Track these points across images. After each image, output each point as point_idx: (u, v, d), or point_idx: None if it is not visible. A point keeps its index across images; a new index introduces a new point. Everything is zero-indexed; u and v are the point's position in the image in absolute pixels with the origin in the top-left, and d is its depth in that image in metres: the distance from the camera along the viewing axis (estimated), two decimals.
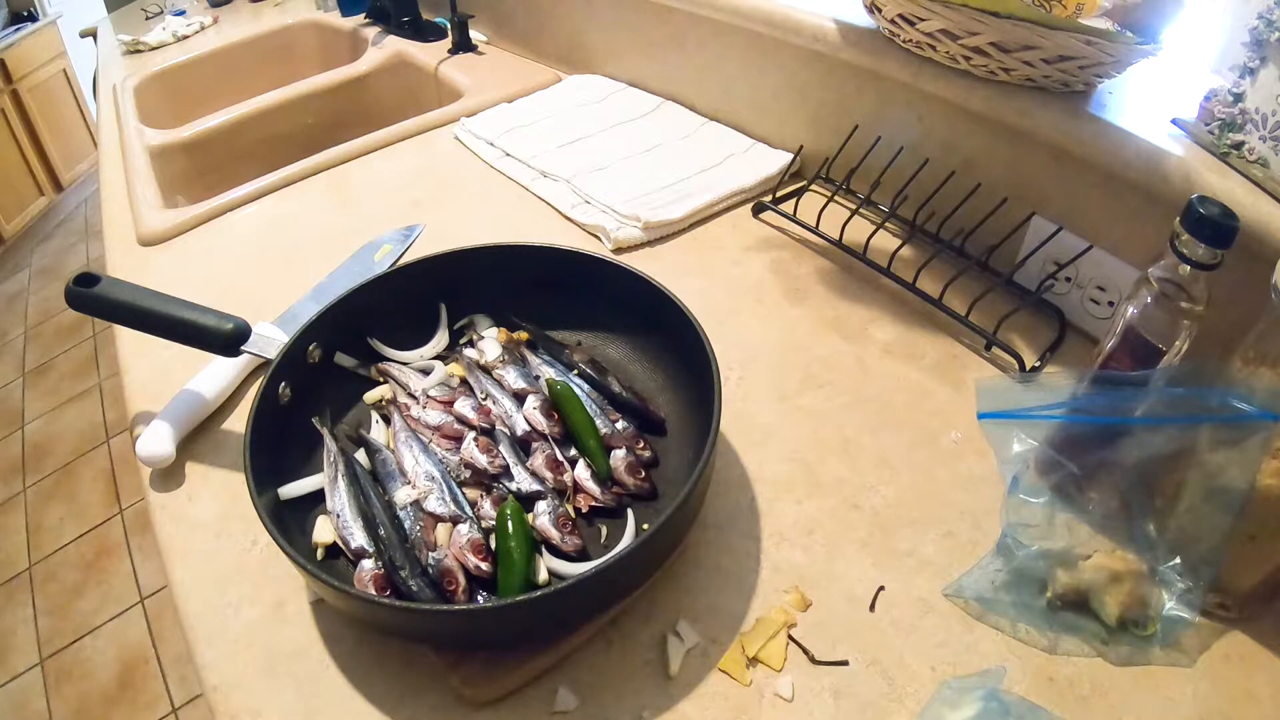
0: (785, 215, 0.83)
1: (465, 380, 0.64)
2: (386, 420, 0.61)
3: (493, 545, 0.51)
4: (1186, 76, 0.65)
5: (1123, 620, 0.47)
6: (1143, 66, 0.64)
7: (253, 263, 0.86)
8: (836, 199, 0.82)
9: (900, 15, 0.69)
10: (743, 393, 0.66)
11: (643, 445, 0.58)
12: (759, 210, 0.87)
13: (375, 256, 0.83)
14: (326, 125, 1.28)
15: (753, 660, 0.48)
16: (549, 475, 0.55)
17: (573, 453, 0.58)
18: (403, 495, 0.54)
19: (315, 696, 0.47)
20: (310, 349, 0.61)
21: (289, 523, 0.52)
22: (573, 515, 0.54)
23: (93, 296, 0.60)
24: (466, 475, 0.56)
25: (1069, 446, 0.50)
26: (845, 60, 0.80)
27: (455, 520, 0.53)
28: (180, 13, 1.64)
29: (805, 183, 0.87)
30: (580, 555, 0.52)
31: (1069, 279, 0.68)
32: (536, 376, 0.63)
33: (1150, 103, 0.64)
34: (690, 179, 0.91)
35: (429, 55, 1.30)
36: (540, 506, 0.53)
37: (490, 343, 0.66)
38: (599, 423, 0.58)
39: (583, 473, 0.56)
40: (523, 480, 0.56)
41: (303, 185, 0.99)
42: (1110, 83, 0.67)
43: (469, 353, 0.66)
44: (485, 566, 0.50)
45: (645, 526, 0.54)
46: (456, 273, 0.67)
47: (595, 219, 0.85)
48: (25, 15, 3.04)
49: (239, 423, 0.65)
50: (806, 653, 0.48)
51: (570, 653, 0.48)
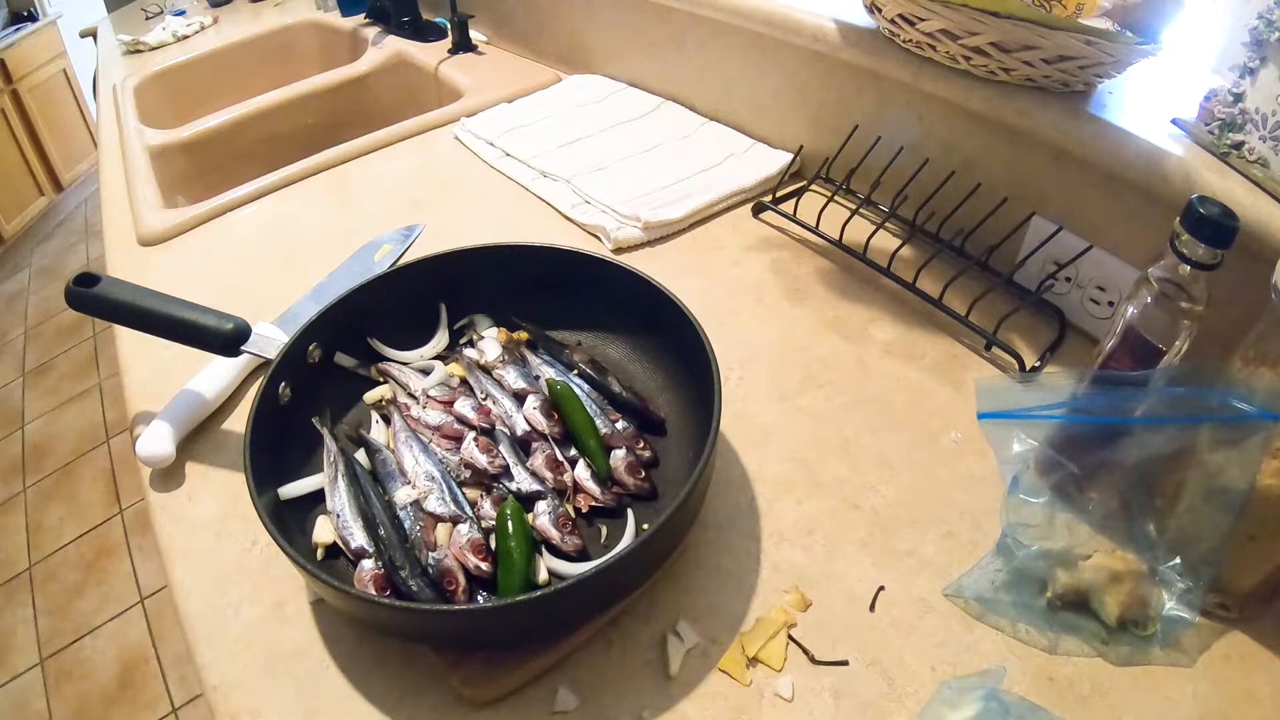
0: (785, 215, 0.83)
1: (465, 380, 0.64)
2: (386, 420, 0.61)
3: (493, 545, 0.51)
4: (1186, 76, 0.65)
5: (1123, 620, 0.47)
6: (1143, 66, 0.64)
7: (253, 263, 0.86)
8: (836, 199, 0.82)
9: (900, 15, 0.69)
10: (743, 393, 0.66)
11: (643, 445, 0.58)
12: (759, 210, 0.87)
13: (375, 256, 0.83)
14: (326, 125, 1.28)
15: (753, 660, 0.48)
16: (549, 475, 0.55)
17: (573, 453, 0.58)
18: (403, 495, 0.54)
19: (315, 696, 0.47)
20: (310, 349, 0.61)
21: (289, 523, 0.52)
22: (573, 515, 0.54)
23: (93, 296, 0.60)
24: (466, 475, 0.56)
25: (1069, 446, 0.50)
26: (845, 60, 0.80)
27: (455, 520, 0.53)
28: (180, 13, 1.64)
29: (805, 183, 0.87)
30: (580, 555, 0.52)
31: (1069, 279, 0.68)
32: (536, 376, 0.63)
33: (1150, 103, 0.64)
34: (690, 179, 0.91)
35: (429, 55, 1.30)
36: (540, 506, 0.53)
37: (490, 343, 0.66)
38: (599, 423, 0.58)
39: (583, 473, 0.56)
40: (523, 480, 0.56)
41: (303, 185, 0.99)
42: (1110, 83, 0.67)
43: (469, 353, 0.66)
44: (485, 566, 0.50)
45: (645, 526, 0.54)
46: (456, 273, 0.67)
47: (595, 219, 0.85)
48: (25, 15, 3.04)
49: (239, 423, 0.65)
50: (806, 653, 0.48)
51: (570, 653, 0.48)
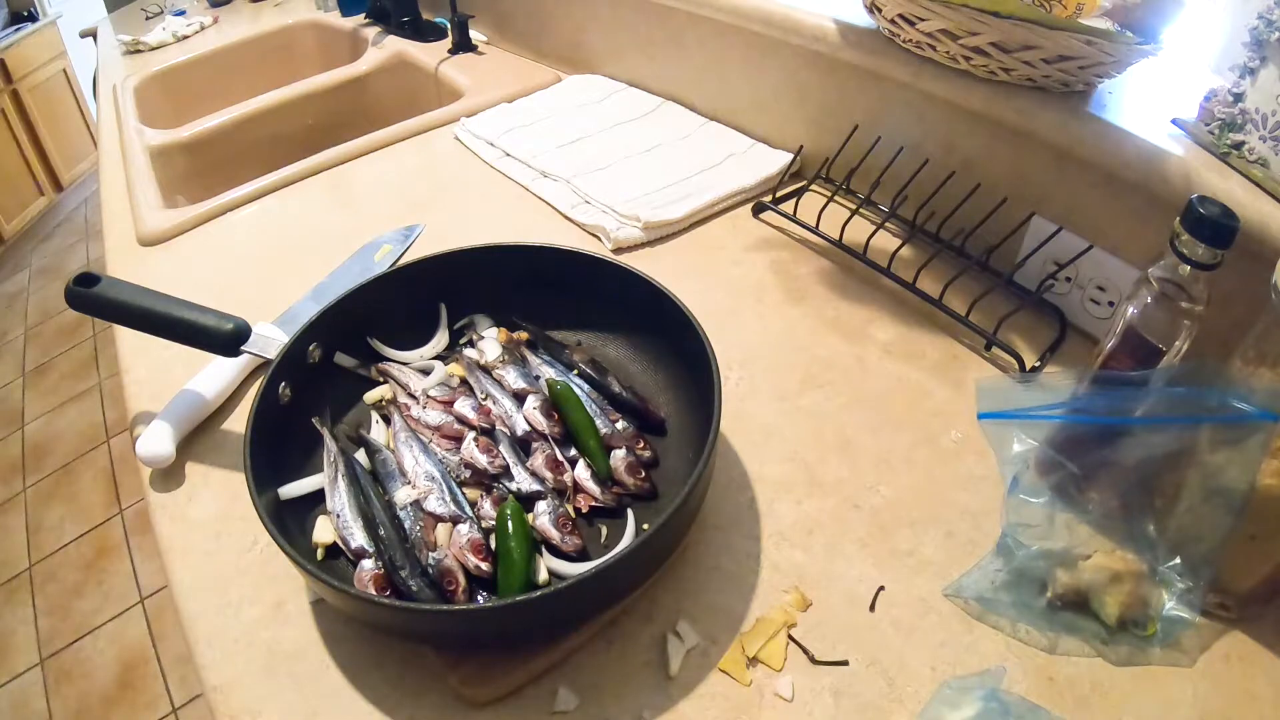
0: (785, 215, 0.83)
1: (465, 380, 0.64)
2: (386, 420, 0.61)
3: (493, 545, 0.51)
4: (1186, 76, 0.65)
5: (1123, 620, 0.47)
6: (1143, 66, 0.64)
7: (253, 263, 0.86)
8: (836, 199, 0.82)
9: (900, 15, 0.69)
10: (743, 393, 0.66)
11: (643, 445, 0.58)
12: (759, 210, 0.87)
13: (375, 256, 0.83)
14: (326, 125, 1.28)
15: (753, 660, 0.48)
16: (549, 475, 0.55)
17: (573, 453, 0.58)
18: (403, 495, 0.54)
19: (315, 696, 0.47)
20: (310, 349, 0.61)
21: (289, 523, 0.52)
22: (573, 515, 0.54)
23: (93, 296, 0.60)
24: (466, 475, 0.56)
25: (1069, 446, 0.50)
26: (845, 60, 0.80)
27: (455, 520, 0.53)
28: (180, 13, 1.64)
29: (805, 183, 0.87)
30: (580, 555, 0.52)
31: (1069, 279, 0.68)
32: (536, 376, 0.63)
33: (1150, 103, 0.64)
34: (690, 179, 0.91)
35: (429, 55, 1.30)
36: (540, 506, 0.53)
37: (490, 343, 0.66)
38: (599, 423, 0.58)
39: (583, 473, 0.56)
40: (523, 480, 0.56)
41: (303, 185, 0.99)
42: (1110, 83, 0.67)
43: (469, 353, 0.66)
44: (485, 566, 0.50)
45: (645, 526, 0.54)
46: (456, 273, 0.67)
47: (595, 219, 0.85)
48: (25, 15, 3.04)
49: (239, 423, 0.65)
50: (806, 653, 0.48)
51: (570, 653, 0.48)
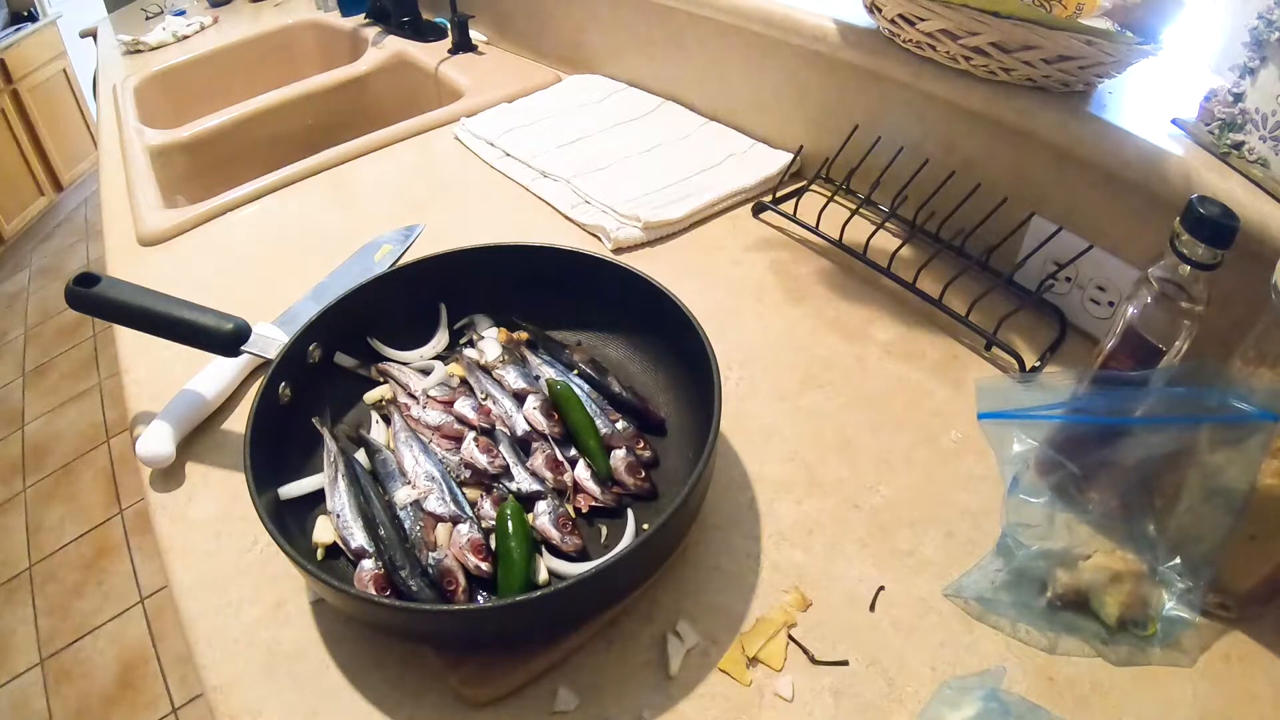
0: (785, 215, 0.83)
1: (465, 380, 0.64)
2: (386, 420, 0.61)
3: (493, 545, 0.51)
4: (1186, 76, 0.65)
5: (1123, 620, 0.47)
6: (1143, 66, 0.64)
7: (253, 263, 0.86)
8: (836, 199, 0.82)
9: (900, 15, 0.69)
10: (743, 393, 0.66)
11: (643, 445, 0.58)
12: (759, 210, 0.87)
13: (375, 256, 0.83)
14: (326, 125, 1.28)
15: (753, 660, 0.48)
16: (549, 475, 0.55)
17: (573, 453, 0.58)
18: (403, 495, 0.54)
19: (315, 696, 0.47)
20: (310, 349, 0.61)
21: (289, 523, 0.52)
22: (573, 515, 0.54)
23: (93, 296, 0.60)
24: (466, 475, 0.56)
25: (1069, 446, 0.50)
26: (845, 60, 0.80)
27: (455, 520, 0.53)
28: (180, 13, 1.64)
29: (805, 183, 0.87)
30: (580, 555, 0.52)
31: (1069, 279, 0.68)
32: (536, 376, 0.63)
33: (1150, 103, 0.64)
34: (690, 179, 0.91)
35: (429, 55, 1.30)
36: (540, 506, 0.53)
37: (490, 343, 0.66)
38: (599, 423, 0.58)
39: (583, 473, 0.56)
40: (523, 480, 0.56)
41: (303, 185, 0.99)
42: (1110, 83, 0.67)
43: (469, 353, 0.66)
44: (485, 566, 0.50)
45: (645, 526, 0.54)
46: (456, 273, 0.67)
47: (595, 219, 0.85)
48: (25, 15, 3.04)
49: (239, 423, 0.65)
50: (806, 653, 0.48)
51: (570, 653, 0.48)
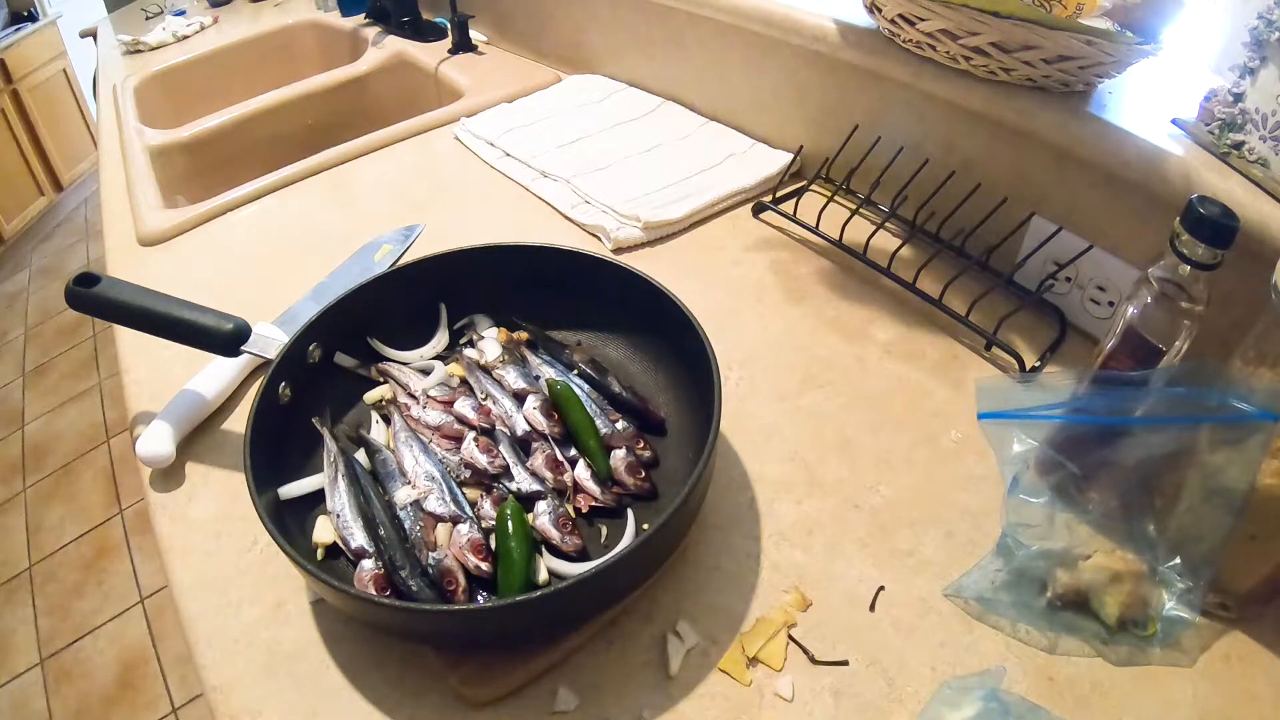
0: (785, 215, 0.83)
1: (465, 380, 0.64)
2: (386, 420, 0.61)
3: (493, 545, 0.51)
4: (1186, 76, 0.65)
5: (1123, 620, 0.47)
6: (1143, 66, 0.64)
7: (253, 263, 0.86)
8: (836, 199, 0.82)
9: (900, 15, 0.69)
10: (743, 393, 0.66)
11: (643, 445, 0.58)
12: (759, 210, 0.87)
13: (375, 256, 0.83)
14: (326, 125, 1.28)
15: (753, 660, 0.48)
16: (549, 475, 0.55)
17: (573, 453, 0.58)
18: (403, 495, 0.54)
19: (315, 696, 0.47)
20: (310, 349, 0.61)
21: (289, 523, 0.52)
22: (573, 515, 0.54)
23: (93, 296, 0.60)
24: (466, 475, 0.56)
25: (1069, 446, 0.50)
26: (845, 60, 0.80)
27: (455, 520, 0.53)
28: (180, 13, 1.64)
29: (805, 183, 0.87)
30: (580, 555, 0.52)
31: (1069, 279, 0.68)
32: (536, 376, 0.63)
33: (1150, 103, 0.64)
34: (690, 179, 0.91)
35: (429, 55, 1.30)
36: (540, 506, 0.53)
37: (490, 343, 0.66)
38: (599, 423, 0.58)
39: (583, 473, 0.56)
40: (523, 480, 0.56)
41: (303, 185, 0.99)
42: (1110, 83, 0.67)
43: (469, 353, 0.66)
44: (485, 566, 0.50)
45: (645, 526, 0.54)
46: (456, 273, 0.67)
47: (595, 219, 0.85)
48: (25, 15, 3.04)
49: (239, 423, 0.65)
50: (806, 653, 0.48)
51: (570, 653, 0.48)
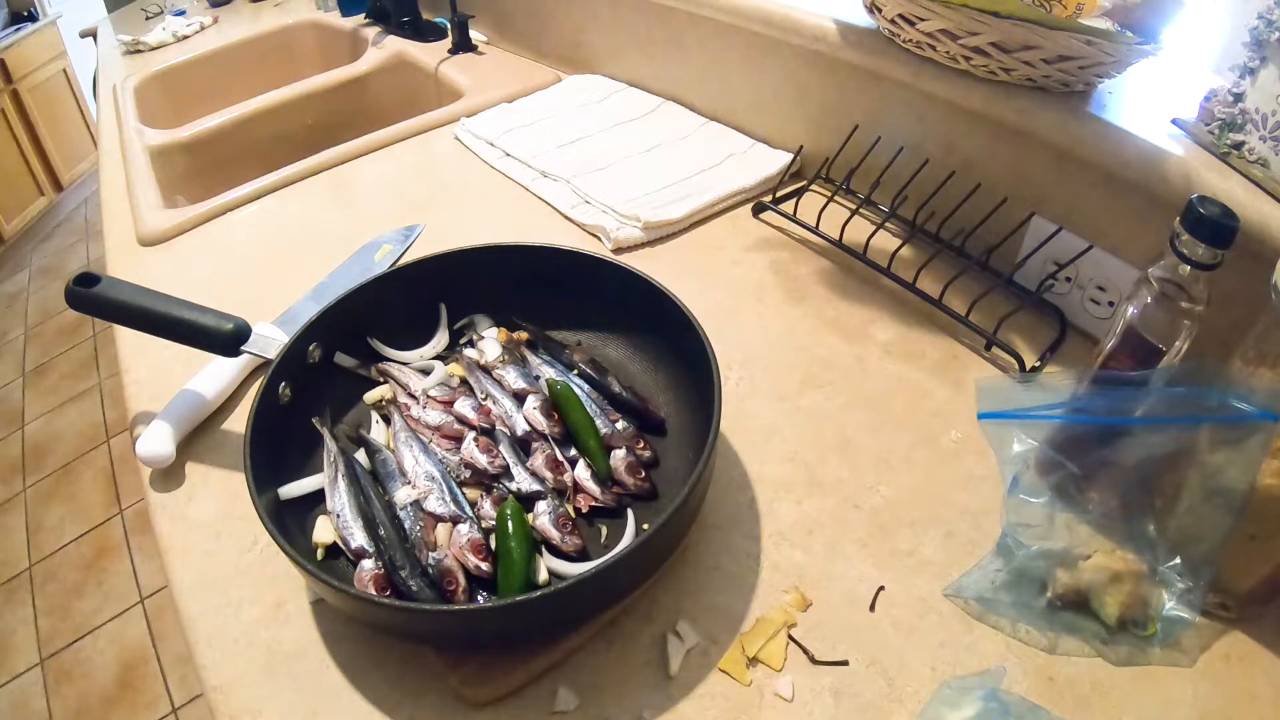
0: (785, 215, 0.83)
1: (465, 380, 0.64)
2: (386, 420, 0.61)
3: (493, 545, 0.51)
4: (1186, 76, 0.65)
5: (1123, 620, 0.47)
6: (1143, 66, 0.64)
7: (253, 263, 0.86)
8: (836, 199, 0.82)
9: (900, 15, 0.69)
10: (743, 393, 0.66)
11: (643, 445, 0.58)
12: (759, 210, 0.87)
13: (375, 256, 0.83)
14: (326, 125, 1.28)
15: (753, 660, 0.48)
16: (549, 475, 0.55)
17: (573, 453, 0.58)
18: (403, 495, 0.54)
19: (315, 696, 0.47)
20: (310, 349, 0.61)
21: (289, 523, 0.52)
22: (573, 515, 0.54)
23: (93, 296, 0.60)
24: (466, 475, 0.56)
25: (1069, 446, 0.50)
26: (845, 60, 0.80)
27: (455, 520, 0.53)
28: (180, 13, 1.64)
29: (805, 183, 0.87)
30: (580, 555, 0.52)
31: (1069, 279, 0.68)
32: (536, 376, 0.63)
33: (1150, 103, 0.64)
34: (690, 179, 0.91)
35: (429, 55, 1.30)
36: (540, 506, 0.53)
37: (490, 343, 0.66)
38: (599, 423, 0.58)
39: (583, 473, 0.56)
40: (523, 480, 0.56)
41: (303, 185, 0.99)
42: (1110, 83, 0.67)
43: (469, 353, 0.66)
44: (485, 566, 0.50)
45: (645, 526, 0.54)
46: (456, 273, 0.67)
47: (595, 219, 0.85)
48: (25, 15, 3.04)
49: (239, 423, 0.65)
50: (806, 653, 0.48)
51: (570, 653, 0.48)
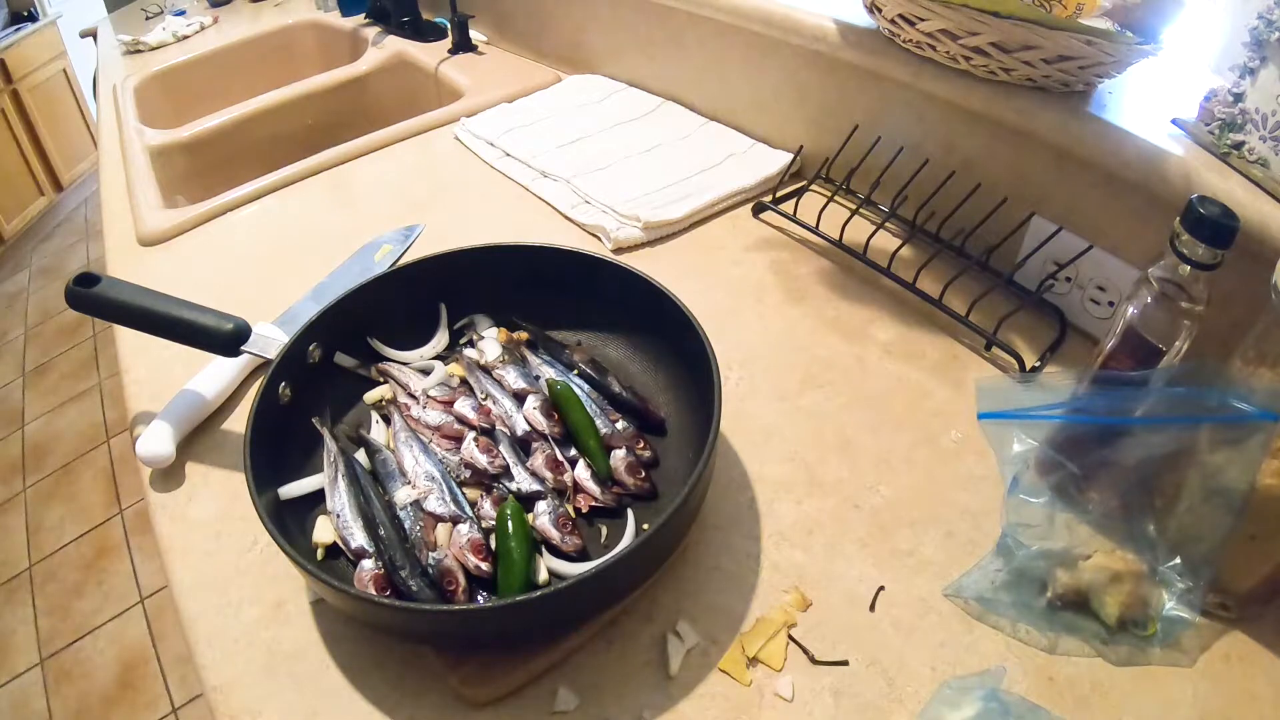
0: (785, 215, 0.83)
1: (465, 380, 0.64)
2: (386, 420, 0.61)
3: (493, 545, 0.51)
4: (1186, 76, 0.65)
5: (1123, 620, 0.47)
6: (1143, 66, 0.64)
7: (253, 263, 0.86)
8: (836, 199, 0.82)
9: (900, 15, 0.69)
10: (743, 393, 0.66)
11: (643, 445, 0.58)
12: (759, 210, 0.87)
13: (375, 256, 0.83)
14: (326, 125, 1.28)
15: (753, 660, 0.48)
16: (549, 475, 0.55)
17: (573, 453, 0.58)
18: (403, 495, 0.54)
19: (315, 696, 0.47)
20: (310, 349, 0.61)
21: (289, 523, 0.52)
22: (573, 515, 0.54)
23: (93, 296, 0.60)
24: (466, 475, 0.56)
25: (1069, 446, 0.50)
26: (845, 60, 0.80)
27: (455, 520, 0.53)
28: (180, 13, 1.64)
29: (805, 183, 0.87)
30: (580, 555, 0.52)
31: (1069, 279, 0.68)
32: (536, 376, 0.63)
33: (1150, 103, 0.64)
34: (690, 179, 0.91)
35: (429, 55, 1.30)
36: (540, 506, 0.53)
37: (490, 343, 0.66)
38: (599, 423, 0.58)
39: (583, 473, 0.56)
40: (523, 480, 0.56)
41: (303, 185, 0.99)
42: (1110, 83, 0.67)
43: (469, 353, 0.66)
44: (485, 566, 0.50)
45: (645, 526, 0.54)
46: (456, 273, 0.67)
47: (595, 219, 0.85)
48: (25, 15, 3.04)
49: (239, 423, 0.65)
50: (806, 653, 0.48)
51: (570, 653, 0.48)
